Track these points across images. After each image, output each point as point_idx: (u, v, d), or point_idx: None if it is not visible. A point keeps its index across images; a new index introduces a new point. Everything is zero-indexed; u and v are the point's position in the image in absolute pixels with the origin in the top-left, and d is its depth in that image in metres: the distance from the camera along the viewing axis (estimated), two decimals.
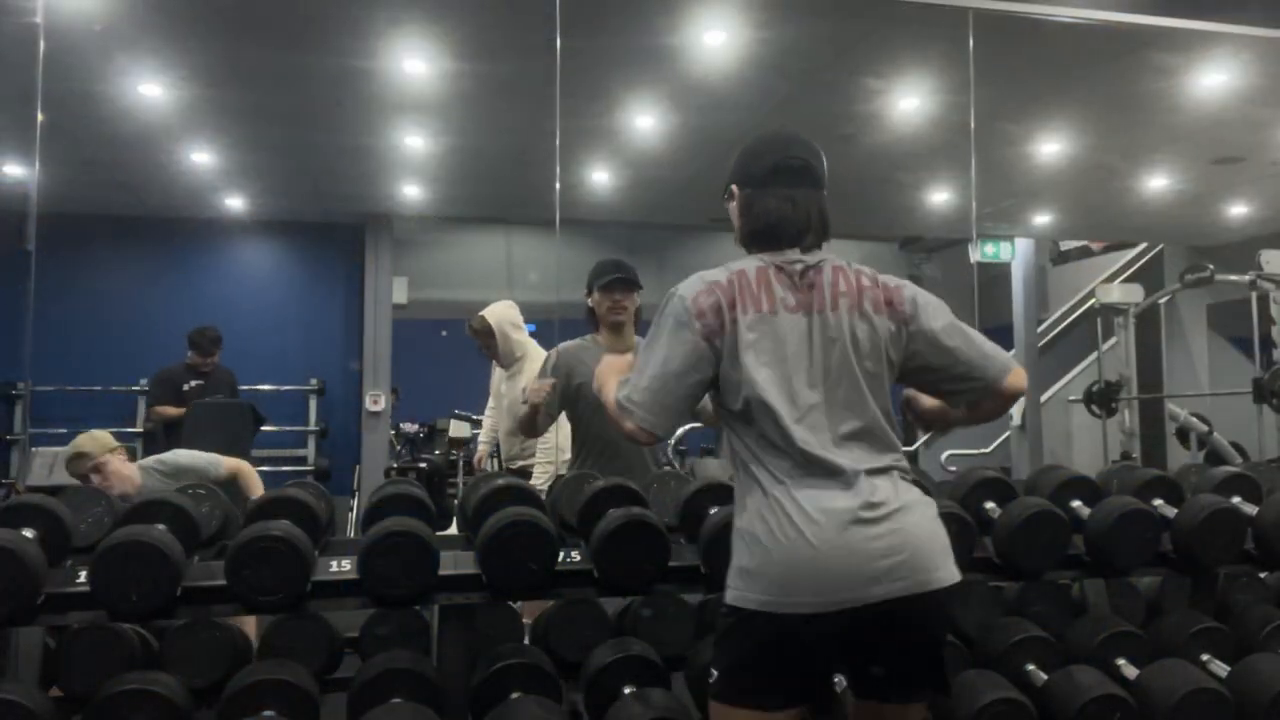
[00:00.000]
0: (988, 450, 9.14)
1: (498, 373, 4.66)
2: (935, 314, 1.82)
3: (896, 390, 1.86)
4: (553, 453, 4.14)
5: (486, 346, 4.30)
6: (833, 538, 1.61)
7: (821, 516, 1.63)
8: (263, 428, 6.82)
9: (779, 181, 1.81)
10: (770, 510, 1.67)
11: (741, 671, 1.67)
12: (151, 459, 3.62)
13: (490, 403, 4.96)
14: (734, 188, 1.88)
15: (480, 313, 4.28)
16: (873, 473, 1.69)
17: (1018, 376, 1.81)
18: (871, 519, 1.64)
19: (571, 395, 3.18)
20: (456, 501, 4.53)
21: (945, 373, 1.81)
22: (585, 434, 3.24)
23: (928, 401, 1.98)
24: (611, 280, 3.18)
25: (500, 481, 2.42)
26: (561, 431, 3.69)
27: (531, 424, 3.16)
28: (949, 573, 1.70)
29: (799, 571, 1.62)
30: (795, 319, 1.73)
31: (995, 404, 1.85)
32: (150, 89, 5.08)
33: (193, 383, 5.98)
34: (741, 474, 1.76)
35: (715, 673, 1.70)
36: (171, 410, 6.01)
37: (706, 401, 3.47)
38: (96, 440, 3.42)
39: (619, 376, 1.84)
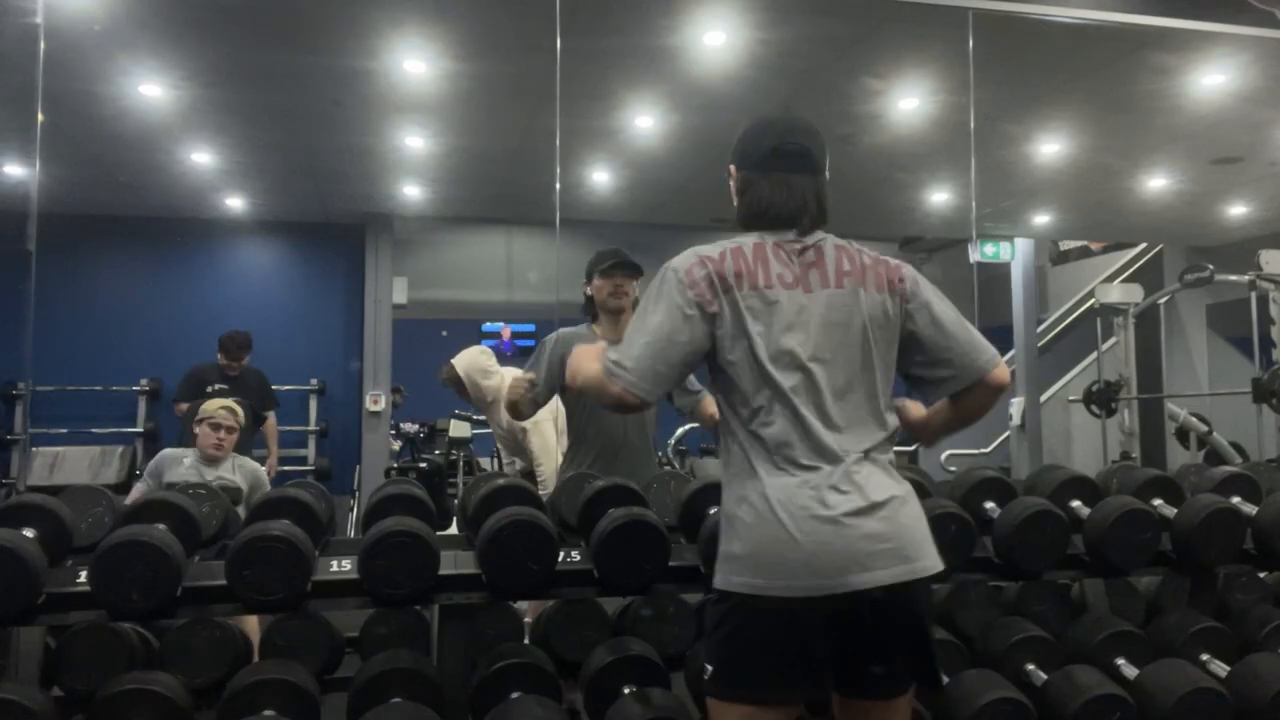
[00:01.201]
0: (988, 450, 9.15)
1: None
2: (933, 295, 1.83)
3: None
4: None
5: (459, 394, 4.31)
6: (819, 524, 1.62)
7: (808, 504, 1.63)
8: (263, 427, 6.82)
9: (776, 166, 1.81)
10: (758, 494, 1.67)
11: (734, 661, 1.67)
12: (249, 460, 4.13)
13: None
14: (732, 167, 1.88)
15: (450, 361, 4.29)
16: (863, 456, 1.70)
17: (1004, 369, 1.84)
18: (860, 507, 1.64)
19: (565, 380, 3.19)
20: (456, 501, 4.53)
21: (938, 354, 1.81)
22: (583, 426, 3.26)
23: (915, 411, 1.97)
24: (613, 265, 3.19)
25: (500, 481, 2.42)
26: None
27: (514, 410, 3.21)
28: (933, 560, 1.70)
29: (785, 556, 1.62)
30: (793, 295, 1.72)
31: (979, 397, 1.83)
32: (150, 89, 5.08)
33: (217, 385, 5.98)
34: (729, 454, 1.75)
35: (710, 667, 1.70)
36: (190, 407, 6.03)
37: (705, 404, 3.51)
38: (243, 417, 4.05)
39: (594, 359, 1.80)
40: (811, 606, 1.61)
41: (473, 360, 4.31)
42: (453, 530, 3.08)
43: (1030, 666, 2.27)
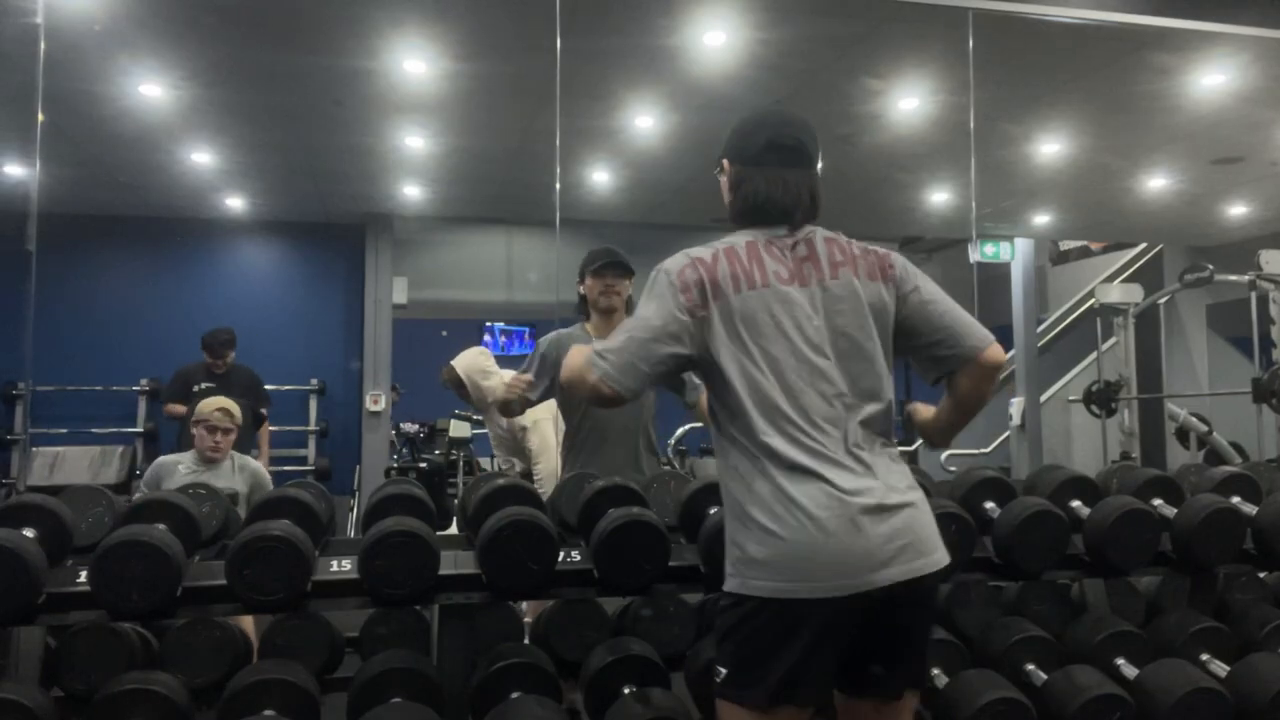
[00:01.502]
0: (988, 450, 9.15)
1: None
2: (923, 280, 1.84)
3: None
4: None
5: (460, 395, 4.33)
6: (845, 524, 1.61)
7: (826, 503, 1.62)
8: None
9: (771, 160, 1.80)
10: (773, 494, 1.64)
11: (753, 664, 1.64)
12: (250, 459, 4.10)
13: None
14: (725, 162, 1.87)
15: (450, 362, 4.30)
16: (874, 449, 1.70)
17: (996, 349, 1.82)
18: (878, 505, 1.64)
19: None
20: (456, 501, 4.53)
21: (930, 337, 1.81)
22: (577, 423, 3.28)
23: (924, 413, 1.98)
24: (604, 264, 3.22)
25: (500, 481, 2.42)
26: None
27: (506, 408, 3.25)
28: (944, 554, 1.72)
29: (809, 558, 1.61)
30: (789, 291, 1.72)
31: (976, 378, 1.82)
32: (150, 89, 5.08)
33: (204, 384, 5.97)
34: (731, 455, 1.73)
35: (724, 670, 1.67)
36: (179, 408, 6.01)
37: (701, 400, 3.52)
38: (239, 417, 3.94)
39: (582, 353, 1.81)
40: (834, 607, 1.61)
41: (472, 361, 4.32)
42: (453, 530, 3.08)
43: (1030, 666, 2.26)
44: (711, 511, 2.20)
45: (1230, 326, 8.78)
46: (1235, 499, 2.50)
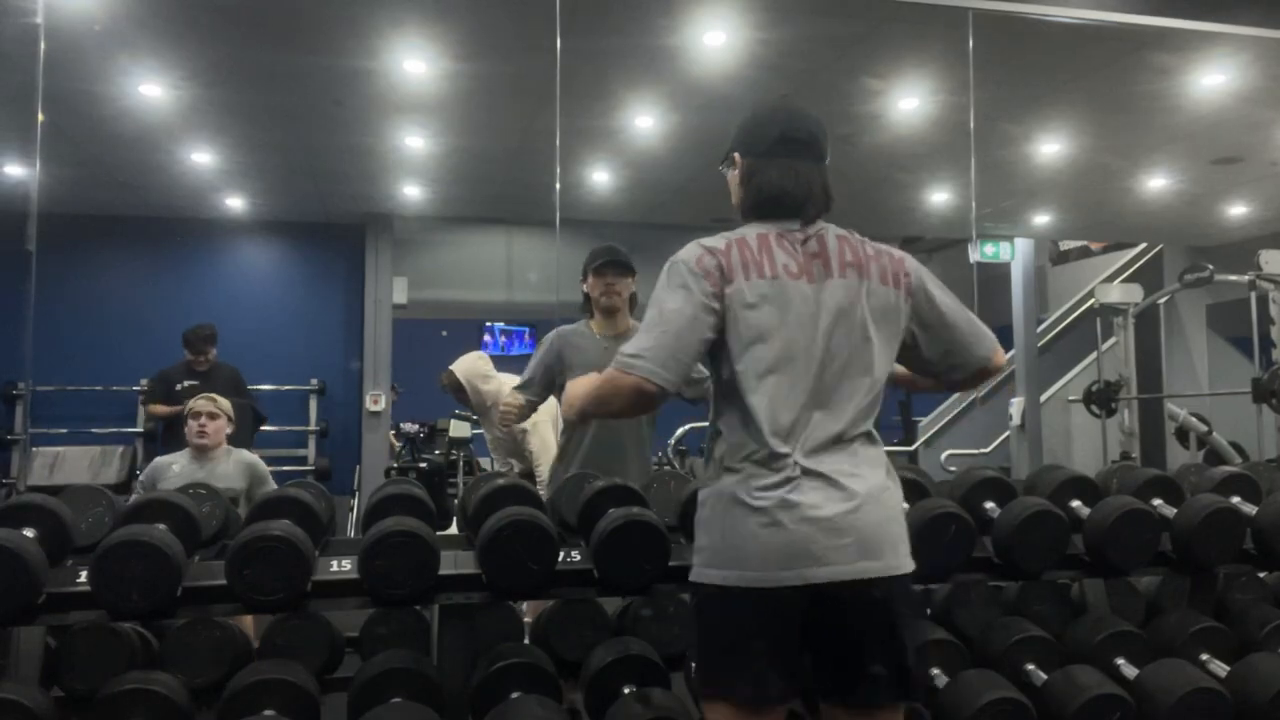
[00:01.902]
0: (987, 450, 9.15)
1: None
2: (936, 287, 1.83)
3: None
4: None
5: (459, 400, 4.33)
6: (780, 516, 1.62)
7: (771, 496, 1.63)
8: (263, 427, 6.83)
9: (783, 152, 1.80)
10: (727, 486, 1.68)
11: (710, 654, 1.68)
12: (246, 450, 4.08)
13: None
14: (736, 155, 1.86)
15: (449, 367, 4.30)
16: (847, 450, 1.69)
17: (1001, 355, 1.87)
18: (825, 501, 1.64)
19: (561, 378, 3.21)
20: (456, 501, 4.53)
21: (942, 346, 1.81)
22: (578, 428, 3.28)
23: (896, 368, 1.98)
24: (605, 263, 3.22)
25: (500, 481, 2.42)
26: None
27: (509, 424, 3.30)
28: (899, 560, 1.69)
29: (742, 547, 1.63)
30: (797, 285, 1.72)
31: (976, 380, 1.88)
32: (150, 89, 5.08)
33: (186, 382, 5.95)
34: (713, 444, 1.76)
35: (693, 663, 1.75)
36: (163, 408, 6.01)
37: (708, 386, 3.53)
38: (228, 407, 4.01)
39: (589, 378, 1.83)
40: (770, 599, 1.61)
41: (472, 366, 4.33)
42: (453, 530, 3.08)
43: (1030, 666, 2.26)
44: None
45: (1230, 326, 8.78)
46: (1235, 499, 2.50)
